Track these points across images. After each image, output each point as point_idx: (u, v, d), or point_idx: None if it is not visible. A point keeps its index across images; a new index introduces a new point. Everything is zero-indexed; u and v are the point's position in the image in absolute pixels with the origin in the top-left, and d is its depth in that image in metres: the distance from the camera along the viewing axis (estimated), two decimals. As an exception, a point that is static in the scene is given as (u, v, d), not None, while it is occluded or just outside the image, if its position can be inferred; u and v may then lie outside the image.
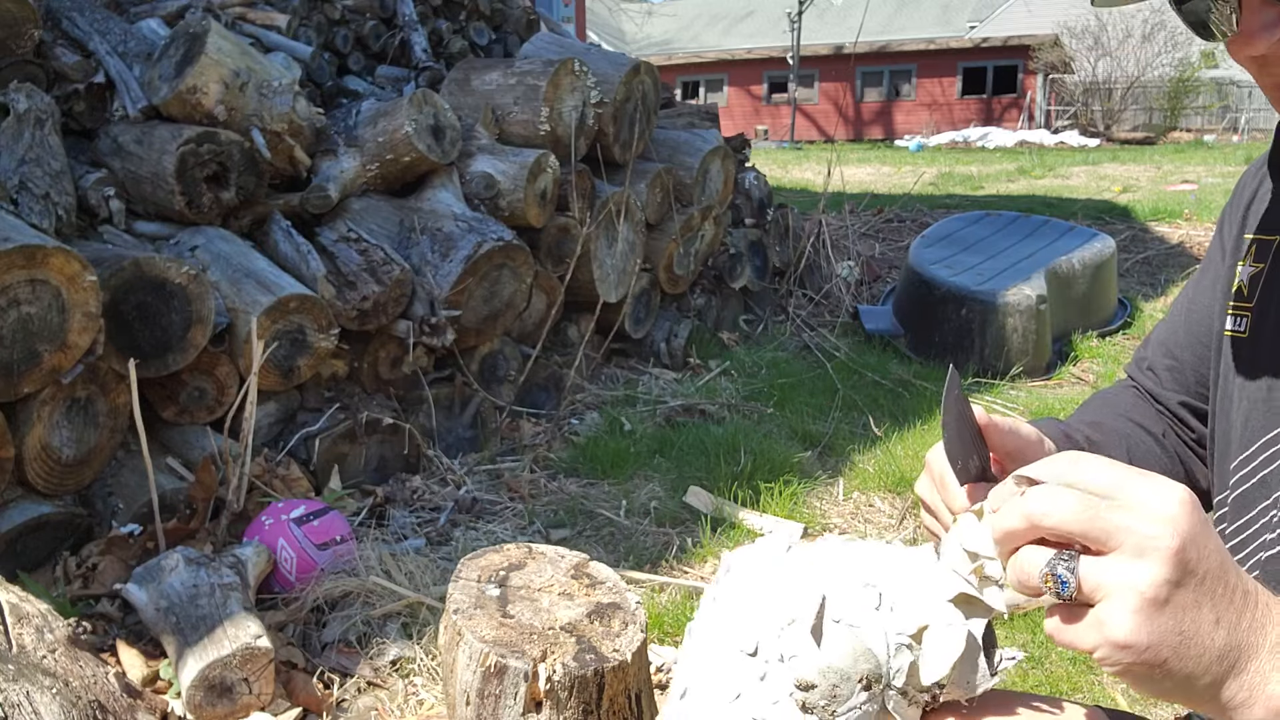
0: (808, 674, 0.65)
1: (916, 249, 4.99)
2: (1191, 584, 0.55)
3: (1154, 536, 0.54)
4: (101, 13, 3.22)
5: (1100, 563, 0.56)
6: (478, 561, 1.18)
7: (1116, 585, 0.55)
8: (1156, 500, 0.56)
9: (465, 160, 3.42)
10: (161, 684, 1.96)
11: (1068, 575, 0.56)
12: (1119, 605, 0.55)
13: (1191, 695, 0.57)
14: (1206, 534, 0.56)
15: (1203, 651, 0.55)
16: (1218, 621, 0.55)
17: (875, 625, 0.66)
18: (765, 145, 22.08)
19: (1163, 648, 0.54)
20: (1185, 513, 0.55)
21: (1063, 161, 14.44)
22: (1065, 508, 0.57)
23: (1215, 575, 0.56)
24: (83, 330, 2.26)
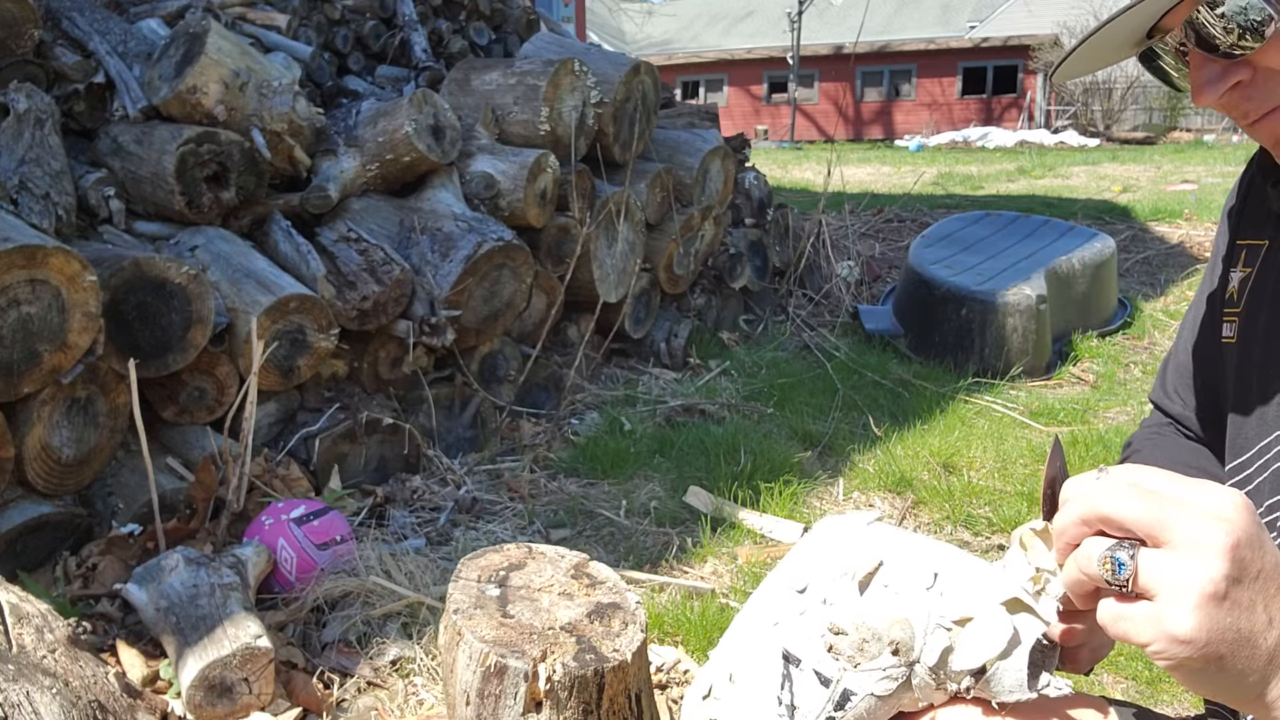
0: (842, 621, 0.70)
1: (916, 249, 4.99)
2: (1247, 582, 0.56)
3: (1212, 533, 0.55)
4: (101, 13, 3.22)
5: (1160, 555, 0.57)
6: (478, 561, 1.18)
7: (1176, 580, 0.56)
8: (1213, 501, 0.57)
9: (465, 160, 3.42)
10: (161, 684, 1.96)
11: (1126, 560, 0.58)
12: (1179, 600, 0.55)
13: (1237, 693, 0.57)
14: (1262, 535, 0.57)
15: (1256, 649, 0.56)
16: (1271, 621, 0.56)
17: (920, 601, 0.69)
18: (765, 145, 22.08)
19: (1220, 644, 0.55)
20: (1241, 513, 0.56)
21: (1062, 161, 14.44)
22: (1126, 499, 0.58)
23: (1270, 576, 0.56)
24: (83, 330, 2.26)
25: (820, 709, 0.69)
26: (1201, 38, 0.76)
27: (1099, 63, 0.87)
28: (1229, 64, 0.77)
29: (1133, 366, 4.47)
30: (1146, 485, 0.59)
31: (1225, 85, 0.77)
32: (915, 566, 0.71)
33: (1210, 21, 0.75)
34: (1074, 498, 0.62)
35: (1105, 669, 2.19)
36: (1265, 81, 0.77)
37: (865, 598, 0.71)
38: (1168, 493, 0.58)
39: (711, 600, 2.35)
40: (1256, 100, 0.78)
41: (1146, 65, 0.85)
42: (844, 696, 0.69)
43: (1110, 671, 2.19)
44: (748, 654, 0.75)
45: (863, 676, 0.69)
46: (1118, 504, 0.59)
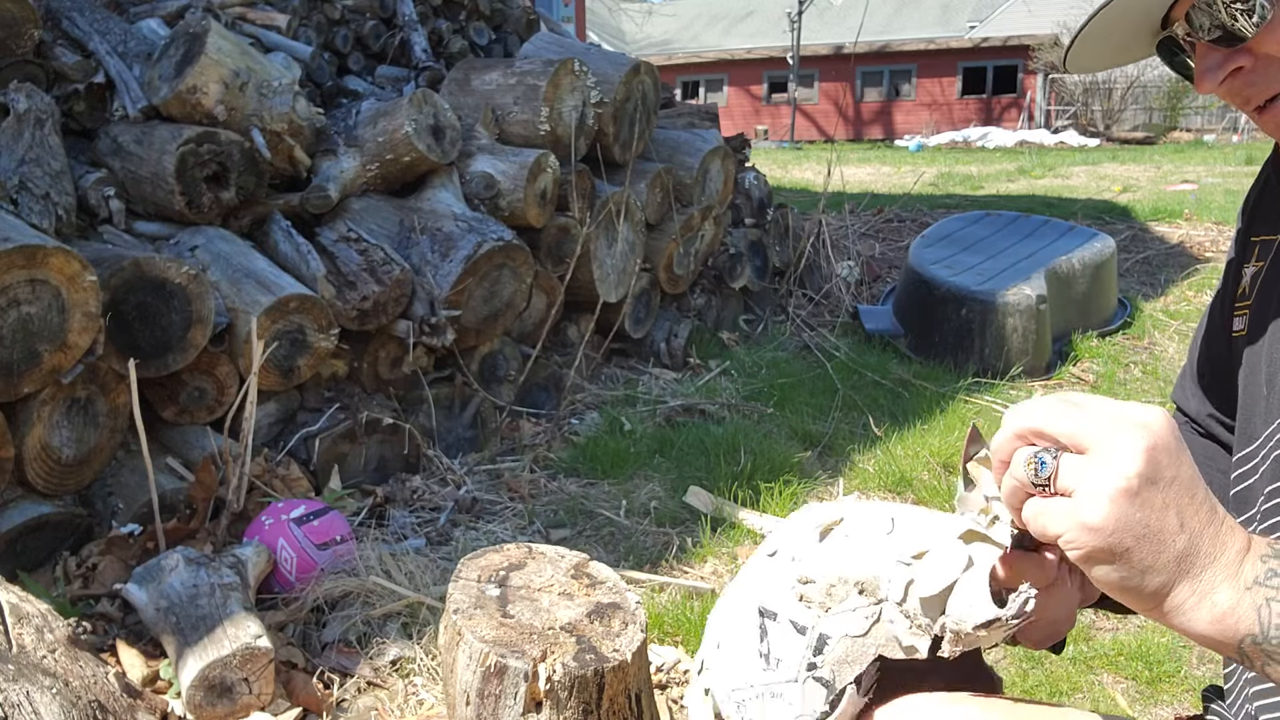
0: (809, 571, 0.74)
1: (916, 249, 4.99)
2: (1161, 485, 0.60)
3: (1130, 437, 0.60)
4: (101, 13, 3.22)
5: (1080, 459, 0.62)
6: (478, 561, 1.18)
7: (1092, 476, 0.60)
8: (1135, 412, 0.62)
9: (465, 160, 3.42)
10: (161, 684, 1.96)
11: (1049, 460, 0.62)
12: (1093, 492, 0.60)
13: (1143, 594, 0.61)
14: (1180, 448, 0.61)
15: (1163, 548, 0.60)
16: (1182, 526, 0.60)
17: (881, 544, 0.73)
18: (765, 145, 22.07)
19: (1127, 535, 0.59)
20: (1161, 423, 0.61)
21: (1062, 161, 14.44)
22: (1053, 411, 0.64)
23: (1185, 485, 0.61)
24: (83, 330, 2.26)
25: (800, 656, 0.71)
26: (1202, 26, 0.78)
27: (1121, 57, 0.89)
28: (1229, 51, 0.79)
29: (1133, 366, 4.47)
30: (1074, 400, 0.64)
31: (1224, 72, 0.80)
32: (874, 517, 0.76)
33: (1209, 9, 0.77)
34: (1009, 417, 0.66)
35: (1105, 669, 2.19)
36: (1265, 68, 0.79)
37: (828, 547, 0.75)
38: (1092, 405, 0.63)
39: (711, 600, 2.35)
40: (1258, 86, 0.80)
41: (1166, 60, 0.87)
42: (820, 641, 0.71)
43: (1110, 671, 2.19)
44: (730, 620, 0.79)
45: (836, 620, 0.71)
46: (1045, 416, 0.63)
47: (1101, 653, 2.24)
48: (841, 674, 0.70)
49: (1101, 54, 0.89)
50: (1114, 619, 2.41)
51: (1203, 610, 0.60)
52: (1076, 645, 2.27)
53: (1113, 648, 2.25)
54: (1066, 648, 2.25)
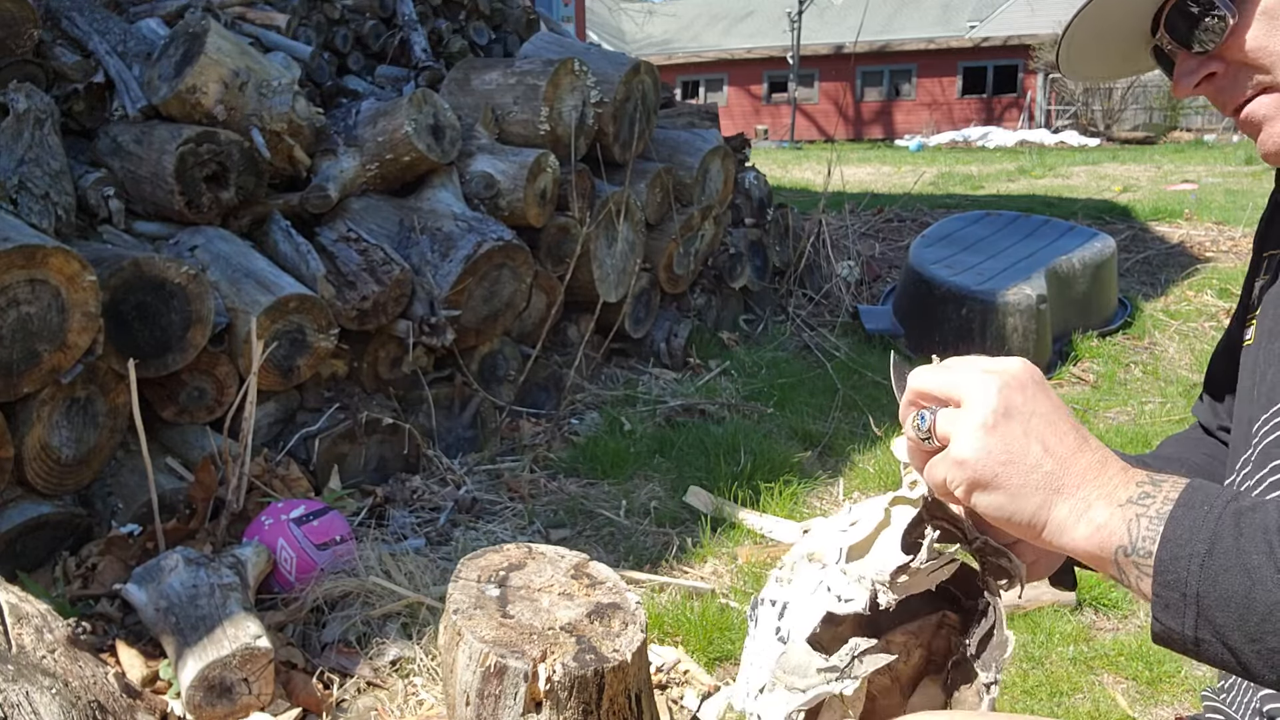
0: (791, 558, 0.89)
1: (916, 248, 4.98)
2: (1019, 418, 0.68)
3: (985, 383, 0.70)
4: (101, 12, 3.22)
5: (951, 410, 0.72)
6: (477, 561, 1.18)
7: (958, 420, 0.70)
8: (995, 362, 0.72)
9: (465, 160, 3.42)
10: (161, 684, 1.96)
11: (927, 415, 0.73)
12: (959, 434, 0.70)
13: (1024, 518, 0.68)
14: (1038, 387, 0.71)
15: (1030, 470, 0.67)
16: (1046, 450, 0.68)
17: (831, 525, 0.87)
18: (765, 145, 22.07)
19: (992, 463, 0.68)
20: (1015, 367, 0.71)
21: (1063, 161, 14.44)
22: (926, 374, 0.75)
23: (1046, 418, 0.69)
24: (82, 330, 2.26)
25: (771, 625, 0.85)
26: (1178, 33, 0.83)
27: (1126, 67, 0.93)
28: (1202, 58, 0.83)
29: (1133, 366, 4.47)
30: (949, 364, 0.74)
31: (1197, 78, 0.84)
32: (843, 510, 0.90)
33: (1180, 17, 0.82)
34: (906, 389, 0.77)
35: (1106, 669, 2.19)
36: (1235, 74, 0.82)
37: (804, 539, 0.89)
38: (960, 363, 0.73)
39: (711, 600, 2.35)
40: (1229, 92, 0.83)
41: (1162, 67, 0.91)
42: (783, 609, 0.85)
43: (1110, 671, 2.19)
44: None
45: (793, 587, 0.85)
46: (923, 380, 0.74)
47: (1102, 653, 2.24)
48: (796, 630, 0.82)
49: (1106, 62, 0.92)
50: (1114, 619, 2.41)
51: (1081, 526, 0.66)
52: (1077, 646, 2.27)
53: (1113, 648, 2.25)
54: (1068, 647, 2.25)
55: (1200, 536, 0.63)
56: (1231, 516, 0.63)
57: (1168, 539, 0.63)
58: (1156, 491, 0.66)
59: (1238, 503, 0.64)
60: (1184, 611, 0.63)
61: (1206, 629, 0.62)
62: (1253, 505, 0.64)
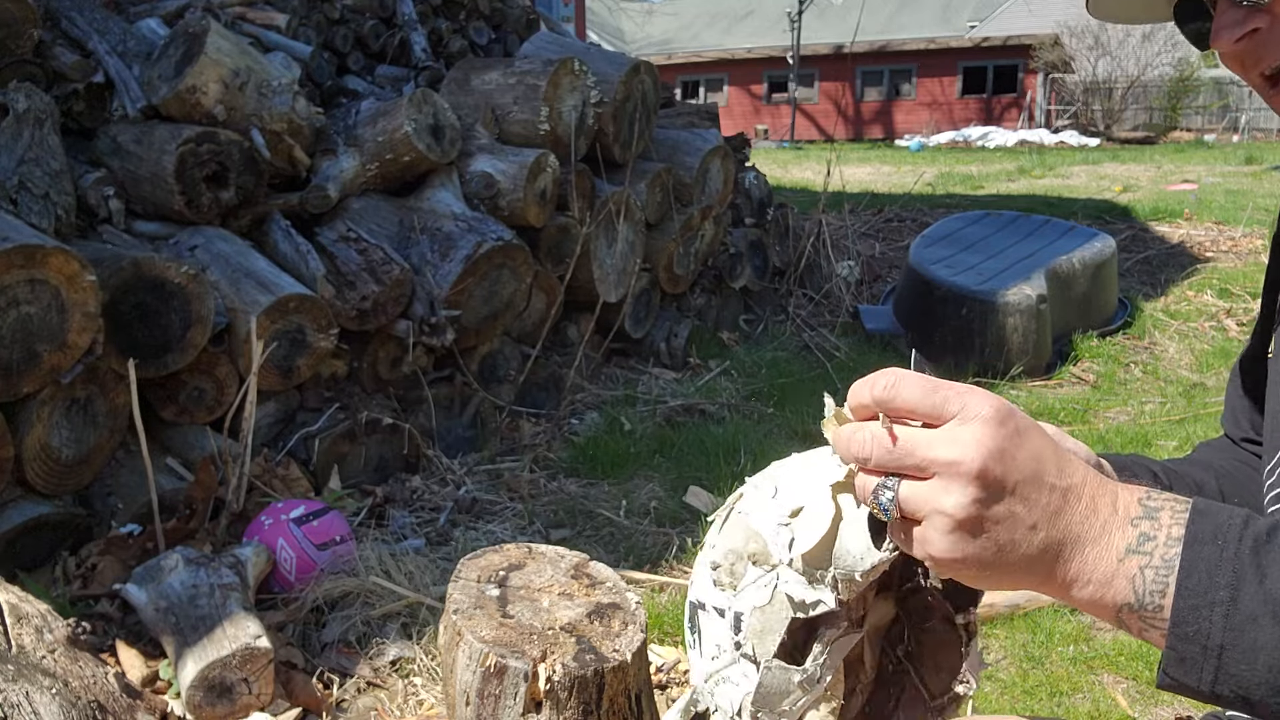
0: (715, 555, 0.77)
1: (917, 248, 4.98)
2: (1002, 498, 0.59)
3: (957, 461, 0.58)
4: (101, 12, 3.22)
5: (916, 487, 0.60)
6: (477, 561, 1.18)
7: (930, 509, 0.59)
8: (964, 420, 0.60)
9: (465, 160, 3.42)
10: (161, 684, 1.96)
11: (888, 504, 0.62)
12: (934, 528, 0.60)
13: (1020, 585, 0.62)
14: (1016, 444, 0.59)
15: (1022, 554, 0.59)
16: (1034, 526, 0.59)
17: (765, 512, 0.75)
18: (765, 145, 22.07)
19: (981, 558, 0.59)
20: (990, 429, 0.59)
21: (1063, 161, 14.44)
22: (878, 447, 0.62)
23: (1029, 482, 0.59)
24: (82, 330, 2.26)
25: (729, 639, 0.75)
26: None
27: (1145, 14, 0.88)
28: (1249, 10, 0.78)
29: (1133, 366, 4.47)
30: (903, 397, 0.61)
31: (1243, 30, 0.78)
32: (763, 484, 0.78)
33: None
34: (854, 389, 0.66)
35: (1106, 669, 2.19)
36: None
37: (727, 528, 0.77)
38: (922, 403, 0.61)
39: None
40: (1270, 47, 0.78)
41: (1181, 22, 0.86)
42: (736, 619, 0.74)
43: (1110, 672, 2.19)
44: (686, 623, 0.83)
45: (744, 596, 0.73)
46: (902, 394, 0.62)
47: (1102, 653, 2.24)
48: (762, 645, 0.72)
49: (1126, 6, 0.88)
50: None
51: (1080, 588, 0.60)
52: (1077, 645, 2.27)
53: (1113, 648, 2.25)
54: (1068, 647, 2.25)
55: (1220, 582, 0.57)
56: (1250, 552, 0.57)
57: (1184, 589, 0.57)
58: (1156, 530, 0.59)
59: (1251, 528, 0.58)
60: (1203, 665, 0.57)
61: (1227, 683, 0.57)
62: (1270, 530, 0.58)
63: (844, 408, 0.69)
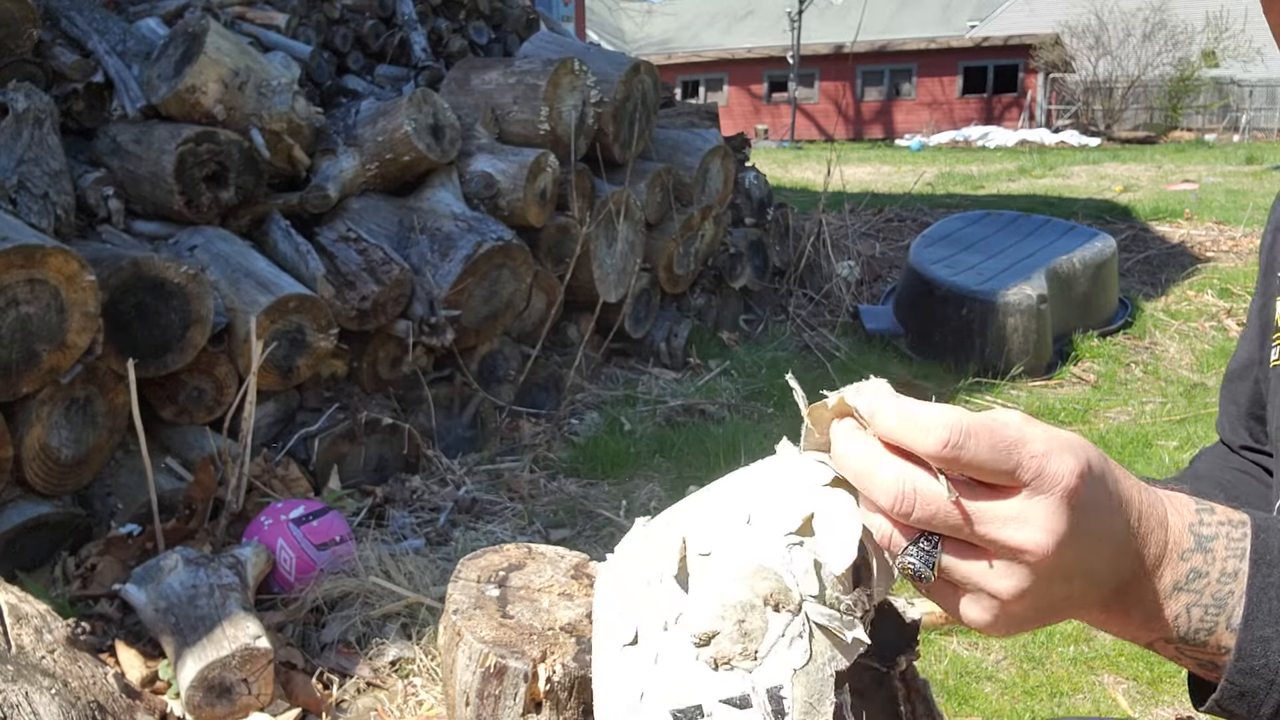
0: (702, 624, 0.52)
1: (917, 248, 4.98)
2: (1064, 582, 0.51)
3: (1025, 550, 0.49)
4: (100, 12, 3.21)
5: (964, 564, 0.51)
6: (477, 562, 1.17)
7: (978, 587, 0.51)
8: (1036, 492, 0.49)
9: (465, 160, 3.42)
10: (160, 684, 1.96)
11: (925, 570, 0.50)
12: (978, 605, 0.51)
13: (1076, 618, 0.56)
14: (1092, 521, 0.51)
15: (1070, 612, 0.54)
16: (1090, 583, 0.53)
17: (753, 539, 0.54)
18: (765, 144, 22.06)
19: (1024, 628, 0.53)
20: (1066, 510, 0.49)
21: (1063, 161, 14.43)
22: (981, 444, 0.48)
23: (1096, 561, 0.52)
24: (81, 330, 2.26)
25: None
26: None
27: None
28: None
29: (1134, 366, 4.46)
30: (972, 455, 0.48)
31: None
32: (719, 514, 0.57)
33: None
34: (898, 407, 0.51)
35: (1106, 669, 2.19)
36: None
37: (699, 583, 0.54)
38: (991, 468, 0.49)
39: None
40: None
41: None
42: (774, 698, 0.52)
43: (1111, 672, 2.18)
44: None
45: (773, 662, 0.52)
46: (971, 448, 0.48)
47: (1102, 653, 2.24)
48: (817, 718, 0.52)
49: None
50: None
51: (1114, 628, 0.56)
52: (1077, 646, 2.27)
53: (1114, 648, 2.25)
54: (1069, 647, 2.25)
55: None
56: None
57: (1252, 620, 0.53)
58: (1208, 566, 0.54)
59: None
60: (1265, 698, 0.53)
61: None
62: None
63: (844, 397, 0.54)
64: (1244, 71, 20.58)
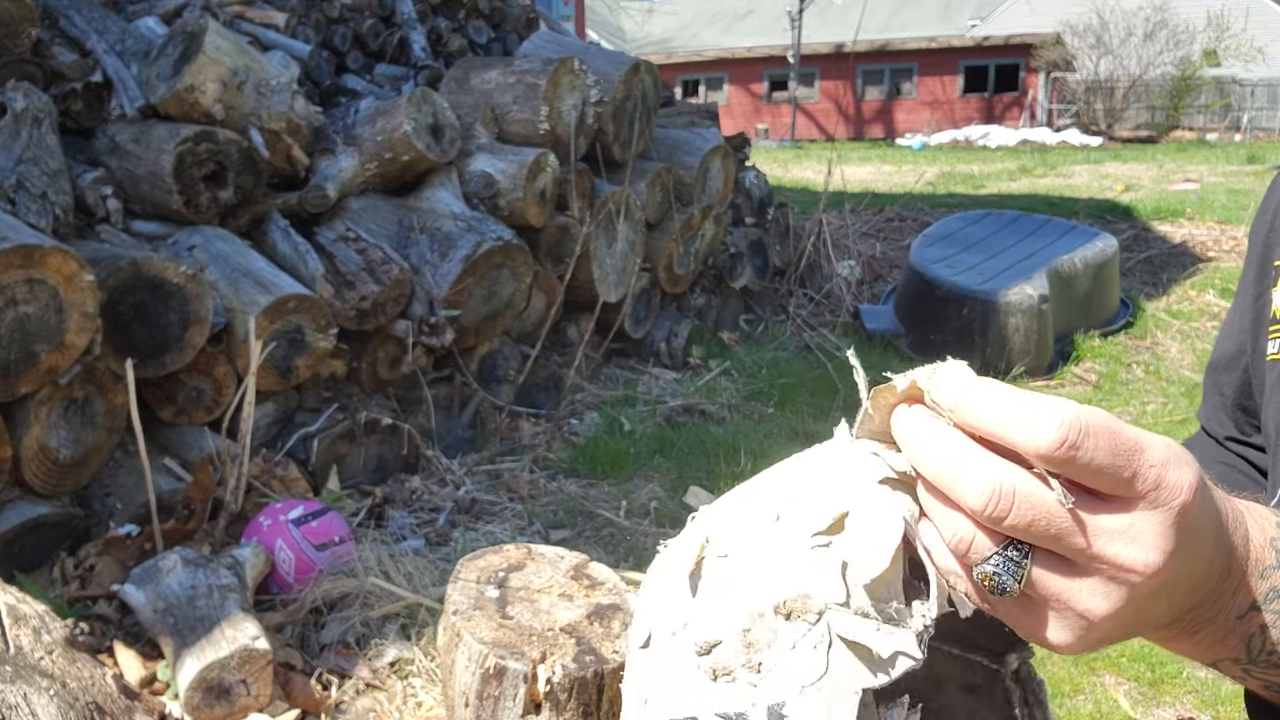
0: (702, 633, 0.48)
1: (918, 248, 4.98)
2: (1158, 601, 0.47)
3: (1133, 569, 0.45)
4: (99, 11, 3.21)
5: (1058, 579, 0.46)
6: (476, 562, 1.17)
7: (1067, 604, 0.47)
8: (1153, 506, 0.45)
9: (464, 159, 3.41)
10: (159, 685, 1.95)
11: (1012, 584, 0.46)
12: (1065, 623, 0.47)
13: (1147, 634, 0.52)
14: (1198, 540, 0.47)
15: (1144, 631, 0.50)
16: (1169, 609, 0.49)
17: (778, 538, 0.49)
18: (765, 144, 22.06)
19: (1099, 646, 0.49)
20: (1179, 526, 0.45)
21: (1064, 160, 14.43)
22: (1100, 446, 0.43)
23: (1191, 581, 0.48)
24: (80, 330, 2.25)
25: None
26: None
27: None
28: None
29: (1135, 366, 4.46)
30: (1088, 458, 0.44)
31: None
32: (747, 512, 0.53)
33: None
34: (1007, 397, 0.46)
35: (1108, 670, 2.18)
36: None
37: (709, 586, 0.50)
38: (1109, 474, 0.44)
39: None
40: None
41: None
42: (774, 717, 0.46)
43: (1112, 673, 2.18)
44: None
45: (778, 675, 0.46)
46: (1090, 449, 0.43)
47: (1103, 654, 2.23)
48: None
49: None
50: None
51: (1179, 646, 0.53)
52: (1079, 646, 2.26)
53: (1115, 649, 2.24)
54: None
55: None
56: None
57: None
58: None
59: None
60: None
61: None
62: None
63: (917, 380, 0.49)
64: (1245, 71, 20.57)
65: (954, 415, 0.46)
